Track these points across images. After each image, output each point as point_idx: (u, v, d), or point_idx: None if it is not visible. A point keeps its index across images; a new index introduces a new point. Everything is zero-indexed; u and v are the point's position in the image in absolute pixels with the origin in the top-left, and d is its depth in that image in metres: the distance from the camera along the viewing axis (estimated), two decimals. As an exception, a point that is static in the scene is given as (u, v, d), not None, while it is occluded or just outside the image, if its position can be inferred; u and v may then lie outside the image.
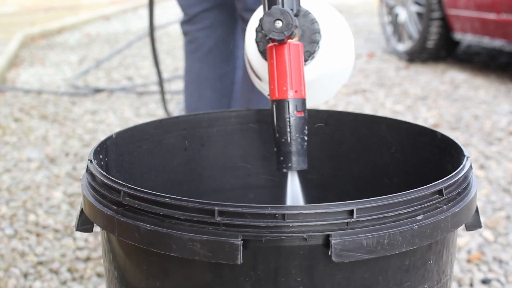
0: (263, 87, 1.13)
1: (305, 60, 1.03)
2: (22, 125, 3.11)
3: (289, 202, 1.01)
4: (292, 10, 0.96)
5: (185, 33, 1.92)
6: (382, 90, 3.67)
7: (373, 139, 1.14)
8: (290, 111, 0.96)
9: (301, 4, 1.02)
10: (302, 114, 0.97)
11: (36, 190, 2.23)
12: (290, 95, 0.96)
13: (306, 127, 0.97)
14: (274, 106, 0.97)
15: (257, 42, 1.03)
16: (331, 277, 0.74)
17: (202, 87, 1.89)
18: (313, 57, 1.03)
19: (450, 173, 0.82)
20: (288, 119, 0.96)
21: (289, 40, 0.96)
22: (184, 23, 1.90)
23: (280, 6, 0.94)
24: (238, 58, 1.90)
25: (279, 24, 0.92)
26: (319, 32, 1.02)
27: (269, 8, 0.94)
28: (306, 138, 0.97)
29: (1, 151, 2.70)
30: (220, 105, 1.89)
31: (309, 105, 1.15)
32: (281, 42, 0.94)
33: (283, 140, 0.96)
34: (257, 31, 1.03)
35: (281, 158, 0.97)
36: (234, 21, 1.85)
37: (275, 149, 0.98)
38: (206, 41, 1.87)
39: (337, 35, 1.06)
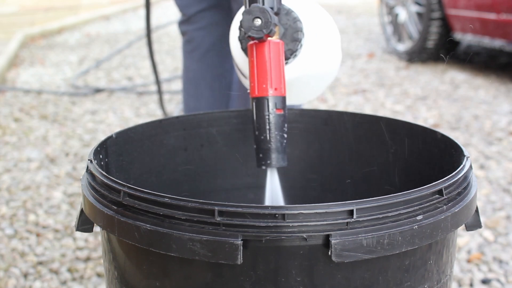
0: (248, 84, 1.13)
1: (287, 59, 1.03)
2: (22, 125, 3.10)
3: (267, 199, 1.01)
4: (272, 8, 0.96)
5: (183, 33, 1.92)
6: (382, 90, 3.67)
7: (373, 139, 1.14)
8: (270, 109, 0.96)
9: (287, 2, 1.01)
10: (282, 112, 0.97)
11: (36, 190, 2.23)
12: (270, 92, 0.96)
13: (286, 125, 0.98)
14: (254, 104, 0.97)
15: (239, 40, 1.03)
16: (331, 277, 0.74)
17: (200, 86, 1.89)
18: (295, 55, 1.03)
19: (450, 173, 0.82)
20: (267, 117, 0.96)
21: (270, 38, 0.96)
22: (181, 23, 1.91)
23: (260, 4, 0.94)
24: (237, 57, 1.90)
25: (258, 22, 0.92)
26: (301, 31, 1.02)
27: (249, 6, 0.94)
28: (285, 135, 0.98)
29: (1, 151, 2.70)
30: (218, 105, 1.89)
31: (295, 103, 1.15)
32: (261, 40, 0.95)
33: (262, 137, 0.97)
34: (239, 29, 1.03)
35: (261, 155, 0.98)
36: (231, 21, 1.86)
37: (254, 146, 0.98)
38: (203, 41, 1.87)
39: (322, 34, 1.05)
